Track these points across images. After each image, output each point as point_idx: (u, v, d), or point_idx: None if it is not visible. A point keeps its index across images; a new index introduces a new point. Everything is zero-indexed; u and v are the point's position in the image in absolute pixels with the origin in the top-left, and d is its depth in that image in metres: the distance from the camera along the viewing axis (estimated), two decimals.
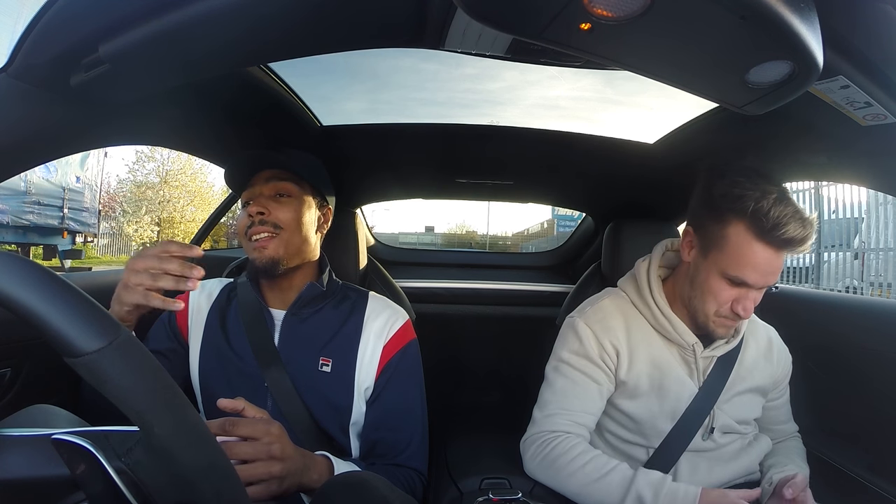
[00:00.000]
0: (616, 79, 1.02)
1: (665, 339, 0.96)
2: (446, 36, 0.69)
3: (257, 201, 0.90)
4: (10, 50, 0.59)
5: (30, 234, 7.63)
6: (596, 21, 0.47)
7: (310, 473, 0.72)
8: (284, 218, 0.90)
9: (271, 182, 0.92)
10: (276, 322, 0.91)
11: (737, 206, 0.81)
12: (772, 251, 0.81)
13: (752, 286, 0.84)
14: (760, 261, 0.81)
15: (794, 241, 0.79)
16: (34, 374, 0.85)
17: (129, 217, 17.14)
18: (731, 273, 0.83)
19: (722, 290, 0.85)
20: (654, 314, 0.95)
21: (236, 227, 0.94)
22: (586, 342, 0.95)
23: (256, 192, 0.92)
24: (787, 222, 0.78)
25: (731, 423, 0.95)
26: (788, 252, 0.82)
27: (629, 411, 0.95)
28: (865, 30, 0.58)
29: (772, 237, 0.79)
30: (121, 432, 0.40)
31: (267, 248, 0.88)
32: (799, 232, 0.79)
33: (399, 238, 12.81)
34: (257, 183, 0.93)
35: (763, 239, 0.80)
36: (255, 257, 0.88)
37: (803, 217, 0.80)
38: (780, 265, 0.83)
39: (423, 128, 1.25)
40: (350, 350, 0.91)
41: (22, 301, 0.35)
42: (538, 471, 0.91)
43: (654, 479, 0.81)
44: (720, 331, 0.90)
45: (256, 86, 0.94)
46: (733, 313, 0.86)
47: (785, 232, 0.78)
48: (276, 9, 0.55)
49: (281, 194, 0.92)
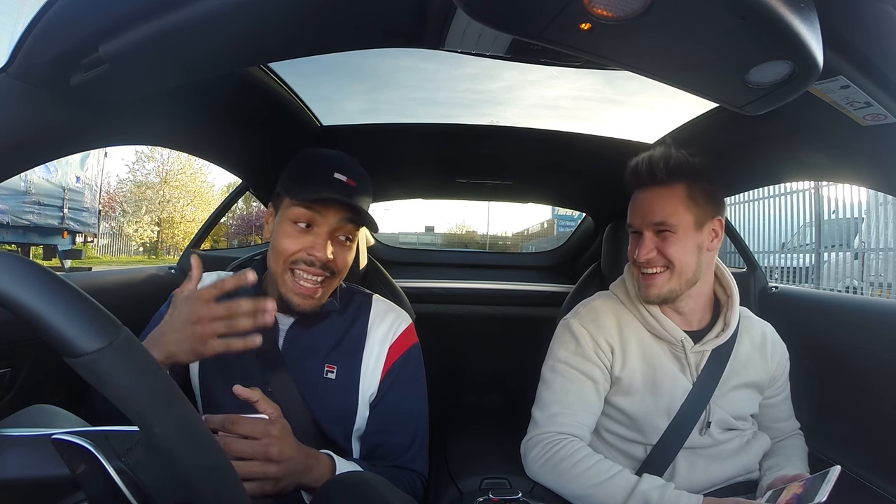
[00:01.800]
0: (616, 79, 1.02)
1: (655, 337, 0.97)
2: (446, 36, 0.69)
3: (323, 241, 0.81)
4: (10, 50, 0.59)
5: (30, 234, 7.63)
6: (596, 21, 0.47)
7: (311, 473, 0.72)
8: (342, 264, 0.85)
9: (343, 222, 0.83)
10: (281, 326, 0.89)
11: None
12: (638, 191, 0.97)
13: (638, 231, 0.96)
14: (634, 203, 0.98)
15: (639, 173, 0.95)
16: (34, 374, 0.85)
17: (129, 217, 17.16)
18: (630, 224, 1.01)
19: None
20: (641, 312, 0.97)
21: (275, 245, 0.83)
22: (582, 340, 0.97)
23: (324, 224, 0.82)
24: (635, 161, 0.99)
25: (728, 419, 0.95)
26: (645, 190, 0.95)
27: (625, 408, 0.95)
28: (865, 30, 0.58)
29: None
30: (121, 432, 0.40)
31: (316, 295, 0.83)
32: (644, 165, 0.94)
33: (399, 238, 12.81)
34: (328, 213, 0.82)
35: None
36: (297, 303, 0.82)
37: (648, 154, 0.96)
38: (651, 202, 0.93)
39: (423, 128, 1.25)
40: (355, 357, 0.90)
41: (22, 301, 0.35)
42: (541, 473, 0.91)
43: (656, 486, 0.82)
44: (642, 288, 0.95)
45: (256, 86, 0.94)
46: (638, 265, 0.95)
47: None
48: (276, 9, 0.55)
49: (347, 238, 0.86)
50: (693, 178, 0.92)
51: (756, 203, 7.17)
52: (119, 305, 0.50)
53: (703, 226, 0.92)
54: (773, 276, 6.52)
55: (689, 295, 0.95)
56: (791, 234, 6.76)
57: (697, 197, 0.91)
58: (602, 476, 0.84)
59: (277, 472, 0.67)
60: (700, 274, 0.93)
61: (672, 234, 0.90)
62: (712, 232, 0.94)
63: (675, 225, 0.90)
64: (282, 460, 0.67)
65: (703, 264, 0.93)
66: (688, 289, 0.93)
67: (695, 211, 0.91)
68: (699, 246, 0.92)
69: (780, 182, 1.66)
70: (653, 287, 0.92)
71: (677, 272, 0.91)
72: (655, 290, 0.92)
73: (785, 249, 6.81)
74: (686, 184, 0.91)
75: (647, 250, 0.91)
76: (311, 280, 0.82)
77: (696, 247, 0.91)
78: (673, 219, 0.90)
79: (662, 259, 0.91)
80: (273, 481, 0.67)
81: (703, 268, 0.94)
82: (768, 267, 6.77)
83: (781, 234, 6.88)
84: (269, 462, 0.66)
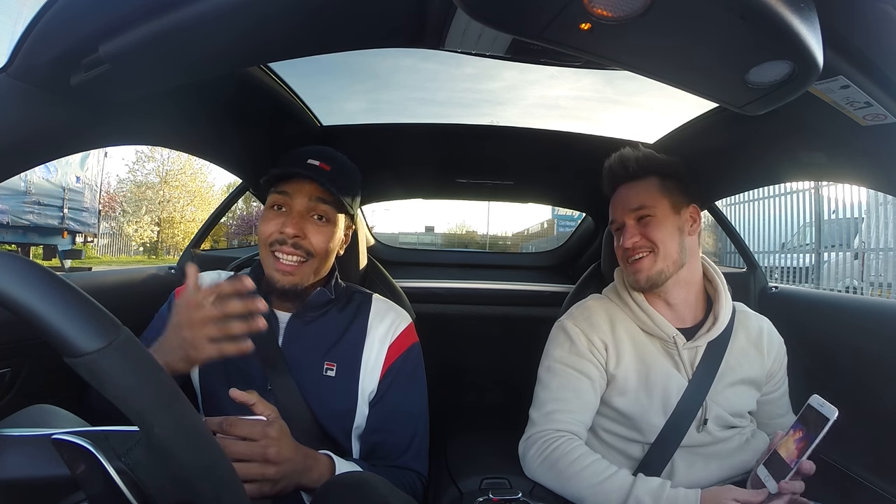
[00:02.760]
0: (616, 79, 1.02)
1: (647, 334, 0.98)
2: (446, 36, 0.69)
3: (294, 220, 0.84)
4: (10, 50, 0.59)
5: (30, 234, 7.63)
6: (596, 21, 0.47)
7: (310, 474, 0.72)
8: (318, 245, 0.86)
9: (314, 201, 0.86)
10: (281, 324, 0.90)
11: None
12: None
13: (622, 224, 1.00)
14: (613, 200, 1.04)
15: (614, 173, 1.02)
16: (34, 374, 0.85)
17: (129, 217, 17.16)
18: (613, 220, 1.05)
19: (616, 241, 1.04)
20: (633, 310, 0.99)
21: (257, 231, 0.87)
22: (576, 339, 0.99)
23: (294, 205, 0.86)
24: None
25: (725, 416, 0.95)
26: (624, 186, 1.01)
27: (621, 407, 0.95)
28: (865, 30, 0.58)
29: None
30: (121, 432, 0.40)
31: (293, 274, 0.85)
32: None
33: (399, 238, 12.82)
34: (297, 194, 0.85)
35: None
36: (277, 279, 0.85)
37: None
38: (629, 196, 0.99)
39: (423, 128, 1.25)
40: (355, 355, 0.90)
41: (22, 301, 0.35)
42: (539, 472, 0.91)
43: (653, 486, 0.81)
44: (630, 274, 1.00)
45: (256, 86, 0.94)
46: (624, 250, 0.99)
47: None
48: (276, 9, 0.55)
49: (320, 217, 0.87)
50: (663, 172, 1.00)
51: (756, 203, 7.17)
52: (119, 305, 0.50)
53: (681, 210, 0.98)
54: (773, 276, 6.52)
55: (678, 282, 0.98)
56: (791, 234, 6.76)
57: (671, 186, 0.99)
58: (598, 477, 0.84)
59: (276, 473, 0.67)
60: (685, 258, 0.97)
61: (652, 216, 0.96)
62: (690, 217, 1.00)
63: (653, 207, 0.97)
64: (280, 461, 0.67)
65: (687, 248, 0.98)
66: (675, 271, 0.97)
67: (669, 197, 0.98)
68: (679, 229, 0.97)
69: (779, 182, 1.65)
70: (641, 271, 0.96)
71: (662, 254, 0.96)
72: (644, 273, 0.96)
73: (785, 249, 6.81)
74: (658, 176, 0.99)
75: (630, 235, 0.97)
76: (287, 261, 0.85)
77: (677, 229, 0.97)
78: (650, 202, 0.97)
79: (647, 242, 0.96)
80: (272, 482, 0.67)
81: (688, 252, 0.98)
82: (768, 267, 6.77)
83: (781, 234, 6.88)
84: (268, 463, 0.66)
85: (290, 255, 0.85)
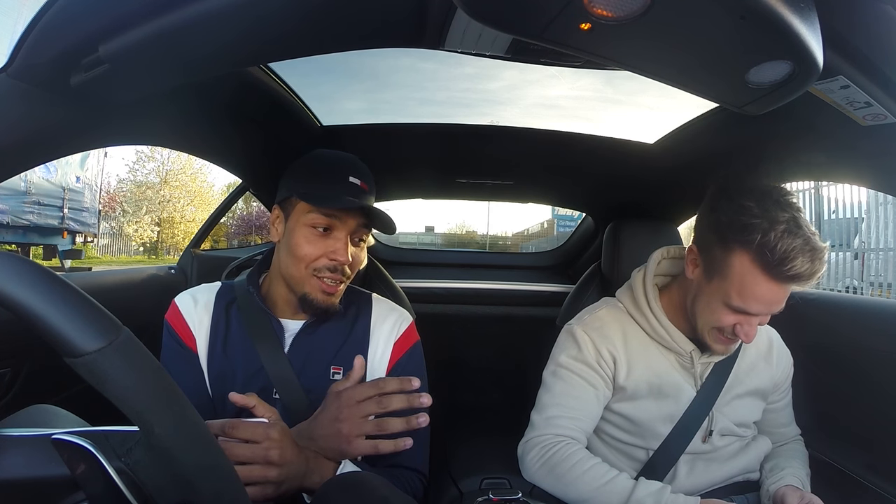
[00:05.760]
0: (616, 79, 1.02)
1: (662, 347, 0.96)
2: (446, 36, 0.68)
3: (345, 246, 0.83)
4: (10, 50, 0.59)
5: (30, 234, 7.63)
6: (596, 21, 0.47)
7: (312, 476, 0.72)
8: (357, 266, 0.88)
9: (360, 228, 0.86)
10: (285, 331, 0.89)
11: (742, 237, 0.78)
12: (777, 285, 0.78)
13: (755, 315, 0.82)
14: (764, 293, 0.79)
15: (801, 276, 0.76)
16: (34, 374, 0.85)
17: (129, 217, 17.17)
18: (733, 303, 0.81)
19: (724, 316, 0.84)
20: (650, 324, 0.96)
21: (294, 251, 0.84)
22: (584, 348, 0.96)
23: (344, 229, 0.84)
24: (795, 257, 0.74)
25: (731, 427, 0.95)
26: (795, 286, 0.79)
27: (627, 413, 0.95)
28: (865, 30, 0.58)
29: (778, 272, 0.76)
30: (121, 432, 0.40)
31: (335, 294, 0.85)
32: (807, 268, 0.75)
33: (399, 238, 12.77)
34: (346, 218, 0.84)
35: (768, 273, 0.77)
36: (320, 300, 0.84)
37: (814, 248, 0.75)
38: (785, 296, 0.80)
39: (423, 128, 1.25)
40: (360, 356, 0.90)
41: (22, 301, 0.35)
42: (538, 476, 0.91)
43: (653, 490, 0.81)
44: (718, 347, 0.89)
45: (256, 86, 0.94)
46: (734, 335, 0.85)
47: (792, 267, 0.75)
48: (276, 9, 0.55)
49: (361, 240, 0.88)
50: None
51: None
52: (119, 305, 0.50)
53: None
54: None
55: None
56: None
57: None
58: (598, 481, 0.84)
59: (278, 475, 0.66)
60: None
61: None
62: None
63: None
64: (282, 463, 0.67)
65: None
66: None
67: None
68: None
69: (780, 182, 1.65)
70: (727, 349, 0.91)
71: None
72: (723, 349, 0.90)
73: None
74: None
75: (755, 329, 0.85)
76: (334, 282, 0.85)
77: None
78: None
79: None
80: (274, 485, 0.67)
81: None
82: None
83: None
84: (270, 465, 0.66)
85: (337, 280, 0.85)
